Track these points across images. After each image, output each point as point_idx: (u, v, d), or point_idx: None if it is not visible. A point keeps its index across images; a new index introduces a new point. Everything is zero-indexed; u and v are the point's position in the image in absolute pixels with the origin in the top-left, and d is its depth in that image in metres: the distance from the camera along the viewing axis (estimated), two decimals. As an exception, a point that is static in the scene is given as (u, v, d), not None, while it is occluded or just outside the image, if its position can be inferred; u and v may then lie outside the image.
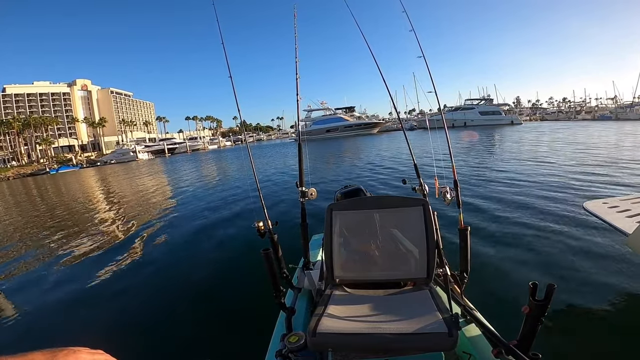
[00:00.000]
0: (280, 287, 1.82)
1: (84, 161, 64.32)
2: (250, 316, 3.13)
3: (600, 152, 12.30)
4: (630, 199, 3.61)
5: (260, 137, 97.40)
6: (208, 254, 5.29)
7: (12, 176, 50.03)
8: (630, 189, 6.36)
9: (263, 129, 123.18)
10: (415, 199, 1.87)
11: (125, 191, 15.93)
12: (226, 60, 2.51)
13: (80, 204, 12.90)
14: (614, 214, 3.20)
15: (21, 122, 67.26)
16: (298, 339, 1.50)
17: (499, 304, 2.64)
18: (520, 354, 1.26)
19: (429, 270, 1.73)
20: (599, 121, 43.20)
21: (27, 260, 6.06)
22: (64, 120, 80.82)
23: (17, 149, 68.18)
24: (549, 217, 5.06)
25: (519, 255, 3.92)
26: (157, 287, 4.30)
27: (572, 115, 60.84)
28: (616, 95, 68.37)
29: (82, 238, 7.11)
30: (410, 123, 53.10)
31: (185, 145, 69.01)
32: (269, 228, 1.94)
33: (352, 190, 2.64)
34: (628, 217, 3.07)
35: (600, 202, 3.63)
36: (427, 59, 2.44)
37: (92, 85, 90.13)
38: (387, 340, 1.29)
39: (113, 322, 3.49)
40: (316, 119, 57.22)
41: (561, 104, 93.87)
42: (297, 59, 2.57)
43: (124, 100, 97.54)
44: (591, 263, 3.52)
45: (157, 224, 7.67)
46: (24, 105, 77.73)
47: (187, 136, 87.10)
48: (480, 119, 48.04)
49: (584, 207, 3.50)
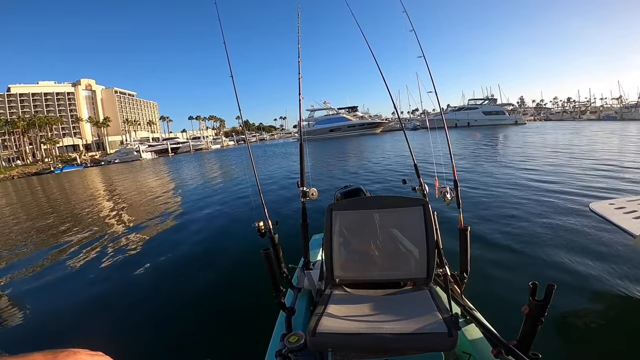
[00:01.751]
0: (280, 287, 1.83)
1: (88, 161, 64.63)
2: (250, 316, 3.14)
3: (607, 151, 12.19)
4: (637, 200, 3.55)
5: (263, 137, 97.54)
6: (208, 254, 5.30)
7: (17, 175, 50.33)
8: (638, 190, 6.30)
9: (266, 129, 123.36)
10: (415, 199, 1.86)
11: (128, 190, 16.01)
12: (227, 60, 2.52)
13: (83, 203, 12.98)
14: (620, 215, 3.14)
15: (26, 121, 67.72)
16: (298, 338, 1.50)
17: (499, 304, 2.63)
18: (520, 354, 1.25)
19: (429, 270, 1.72)
20: (604, 121, 42.89)
21: (29, 260, 6.10)
22: (69, 119, 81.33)
23: (22, 148, 68.66)
24: (553, 216, 5.03)
25: (519, 255, 3.91)
26: (156, 287, 4.31)
27: (577, 115, 60.41)
28: (621, 95, 67.85)
29: (83, 237, 7.16)
30: (414, 123, 52.95)
31: (188, 144, 69.25)
32: (269, 228, 1.94)
33: (352, 190, 2.64)
34: (635, 219, 3.02)
35: (607, 202, 3.56)
36: (427, 59, 2.44)
37: (96, 85, 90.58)
38: (387, 340, 1.29)
39: (113, 322, 3.50)
40: (319, 119, 57.20)
41: (566, 103, 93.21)
42: (299, 58, 2.57)
43: (127, 99, 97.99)
44: (594, 264, 3.50)
45: (157, 224, 7.72)
46: (29, 104, 78.27)
47: (190, 136, 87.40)
48: (483, 118, 47.79)
49: (590, 208, 3.44)
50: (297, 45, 2.64)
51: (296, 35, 2.72)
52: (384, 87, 2.71)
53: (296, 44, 2.65)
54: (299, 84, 2.46)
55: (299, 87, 2.45)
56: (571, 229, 4.50)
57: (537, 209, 5.55)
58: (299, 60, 2.55)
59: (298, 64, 2.53)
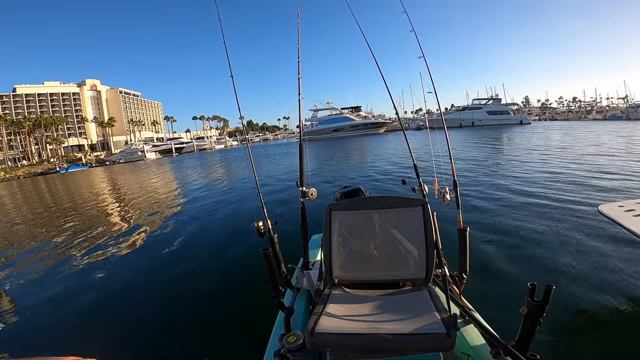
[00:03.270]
0: (279, 287, 1.83)
1: (93, 160, 65.18)
2: (249, 316, 3.14)
3: (615, 152, 12.06)
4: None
5: (266, 137, 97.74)
6: (207, 254, 5.32)
7: (23, 175, 50.83)
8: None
9: (270, 129, 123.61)
10: (415, 200, 1.86)
11: (132, 190, 16.12)
12: (227, 60, 2.53)
13: (87, 203, 13.08)
14: (630, 217, 3.07)
15: (32, 121, 68.35)
16: (296, 339, 1.50)
17: (498, 304, 2.62)
18: (519, 355, 1.25)
19: (428, 270, 1.72)
20: (610, 121, 42.49)
21: (31, 260, 6.14)
22: (74, 120, 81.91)
23: (28, 148, 69.30)
24: (553, 217, 5.00)
25: (518, 256, 3.89)
26: (155, 287, 4.33)
27: (583, 115, 59.90)
28: (627, 95, 67.19)
29: (84, 237, 7.20)
30: (417, 123, 52.79)
31: (192, 144, 69.61)
32: (269, 228, 1.94)
33: (351, 190, 2.64)
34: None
35: (616, 205, 3.48)
36: (428, 60, 2.43)
37: (101, 86, 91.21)
38: (386, 341, 1.29)
39: (112, 323, 3.50)
40: (322, 119, 57.24)
41: (571, 103, 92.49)
42: (299, 58, 2.57)
43: (132, 100, 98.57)
44: (587, 263, 3.49)
45: (157, 224, 7.76)
46: (35, 105, 78.94)
47: (194, 136, 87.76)
48: (488, 118, 47.55)
49: (599, 211, 3.37)
50: (297, 45, 2.65)
51: (296, 35, 2.72)
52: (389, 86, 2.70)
53: (296, 44, 2.65)
54: (298, 84, 2.46)
55: (298, 87, 2.46)
56: (573, 229, 4.47)
57: (537, 209, 5.51)
58: (298, 60, 2.55)
59: (298, 64, 2.53)
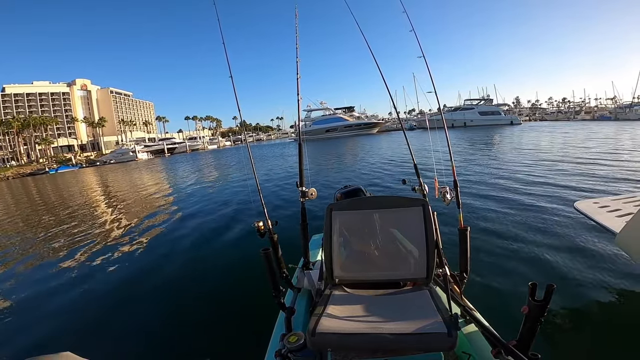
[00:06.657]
0: (280, 287, 1.82)
1: (84, 161, 64.15)
2: (250, 316, 3.13)
3: (597, 151, 12.31)
4: (621, 199, 3.65)
5: (260, 137, 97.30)
6: (207, 254, 5.28)
7: (12, 176, 49.87)
8: (624, 188, 6.36)
9: (263, 129, 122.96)
10: (415, 199, 1.86)
11: (124, 191, 15.91)
12: (227, 60, 2.50)
13: (78, 204, 12.86)
14: (604, 213, 3.23)
15: (20, 121, 67.01)
16: (297, 339, 1.50)
17: (499, 304, 2.64)
18: (520, 354, 1.25)
19: (429, 270, 1.72)
20: (599, 121, 43.21)
21: (22, 259, 6.04)
22: (64, 120, 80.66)
23: (17, 148, 68.03)
24: (553, 217, 5.05)
25: (519, 255, 3.92)
26: (155, 287, 4.28)
27: (572, 115, 60.89)
28: (615, 96, 68.36)
29: (79, 238, 7.08)
30: (410, 123, 53.07)
31: (184, 145, 69.00)
32: (269, 228, 1.94)
33: (351, 190, 2.64)
34: (618, 217, 3.09)
35: (591, 201, 3.67)
36: (427, 59, 2.44)
37: (91, 85, 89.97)
38: (387, 341, 1.29)
39: (112, 323, 3.47)
40: (316, 119, 57.19)
41: (561, 104, 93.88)
42: (297, 58, 2.55)
43: (123, 100, 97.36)
44: (586, 263, 3.53)
45: (155, 225, 7.66)
46: (24, 105, 77.56)
47: (186, 136, 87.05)
48: (479, 119, 48.04)
49: (575, 207, 3.55)
50: (294, 45, 2.63)
51: (294, 35, 2.70)
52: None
53: (294, 44, 2.64)
54: (297, 84, 2.44)
55: (297, 87, 2.43)
56: (575, 229, 4.51)
57: (537, 208, 5.57)
58: (297, 60, 2.53)
59: (296, 64, 2.51)
